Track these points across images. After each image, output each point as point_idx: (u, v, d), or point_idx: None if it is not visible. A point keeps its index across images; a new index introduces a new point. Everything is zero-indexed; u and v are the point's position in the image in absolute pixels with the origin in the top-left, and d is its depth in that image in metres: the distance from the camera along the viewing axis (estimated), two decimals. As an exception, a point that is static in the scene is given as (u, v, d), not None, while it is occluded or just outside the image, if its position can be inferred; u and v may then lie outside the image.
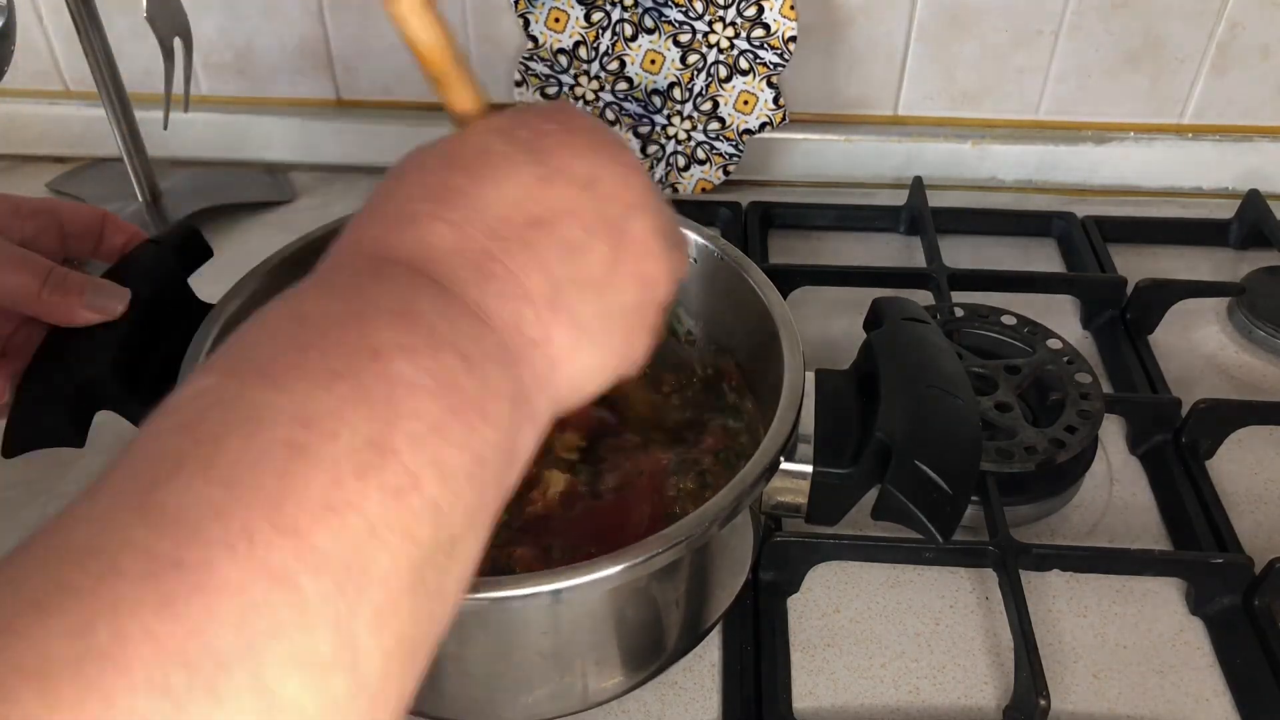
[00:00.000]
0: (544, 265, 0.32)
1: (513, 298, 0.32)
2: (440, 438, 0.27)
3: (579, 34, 0.86)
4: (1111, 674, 0.56)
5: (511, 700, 0.47)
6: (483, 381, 0.29)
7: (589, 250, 0.34)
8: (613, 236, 0.35)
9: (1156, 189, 0.93)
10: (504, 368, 0.30)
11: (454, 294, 0.30)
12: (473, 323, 0.30)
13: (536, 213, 0.33)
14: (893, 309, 0.54)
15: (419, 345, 0.28)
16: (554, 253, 0.33)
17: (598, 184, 0.35)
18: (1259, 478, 0.67)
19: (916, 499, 0.45)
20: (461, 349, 0.29)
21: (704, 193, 0.91)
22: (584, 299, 0.34)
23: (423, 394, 0.27)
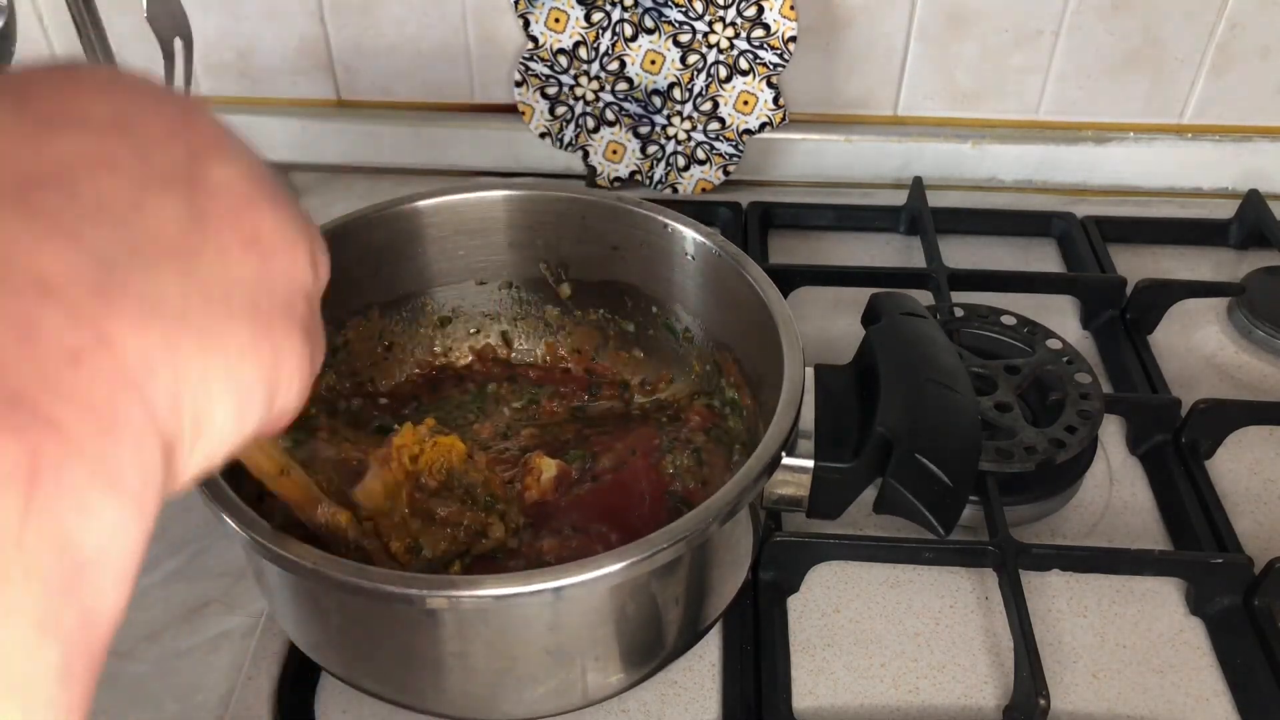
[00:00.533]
0: (71, 234, 0.21)
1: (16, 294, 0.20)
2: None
3: (579, 34, 0.86)
4: (1111, 674, 0.56)
5: (513, 697, 0.47)
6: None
7: (147, 208, 0.23)
8: (181, 190, 0.24)
9: (1156, 189, 0.93)
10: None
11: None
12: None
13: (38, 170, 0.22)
14: (891, 304, 0.54)
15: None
16: (87, 219, 0.22)
17: (133, 125, 0.24)
18: (1259, 478, 0.67)
19: (918, 492, 0.45)
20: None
21: (704, 193, 0.91)
22: (161, 271, 0.23)
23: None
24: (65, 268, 0.21)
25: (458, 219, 0.63)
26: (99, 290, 0.21)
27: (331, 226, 0.59)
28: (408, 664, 0.47)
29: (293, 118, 0.94)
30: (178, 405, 0.22)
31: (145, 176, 0.23)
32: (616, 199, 0.62)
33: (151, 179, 0.24)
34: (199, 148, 0.25)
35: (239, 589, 0.60)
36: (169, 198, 0.24)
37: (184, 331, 0.23)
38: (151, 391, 0.22)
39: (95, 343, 0.21)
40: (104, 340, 0.21)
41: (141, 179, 0.23)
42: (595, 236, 0.63)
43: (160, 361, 0.22)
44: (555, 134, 0.90)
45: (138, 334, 0.22)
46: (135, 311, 0.22)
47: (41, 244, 0.21)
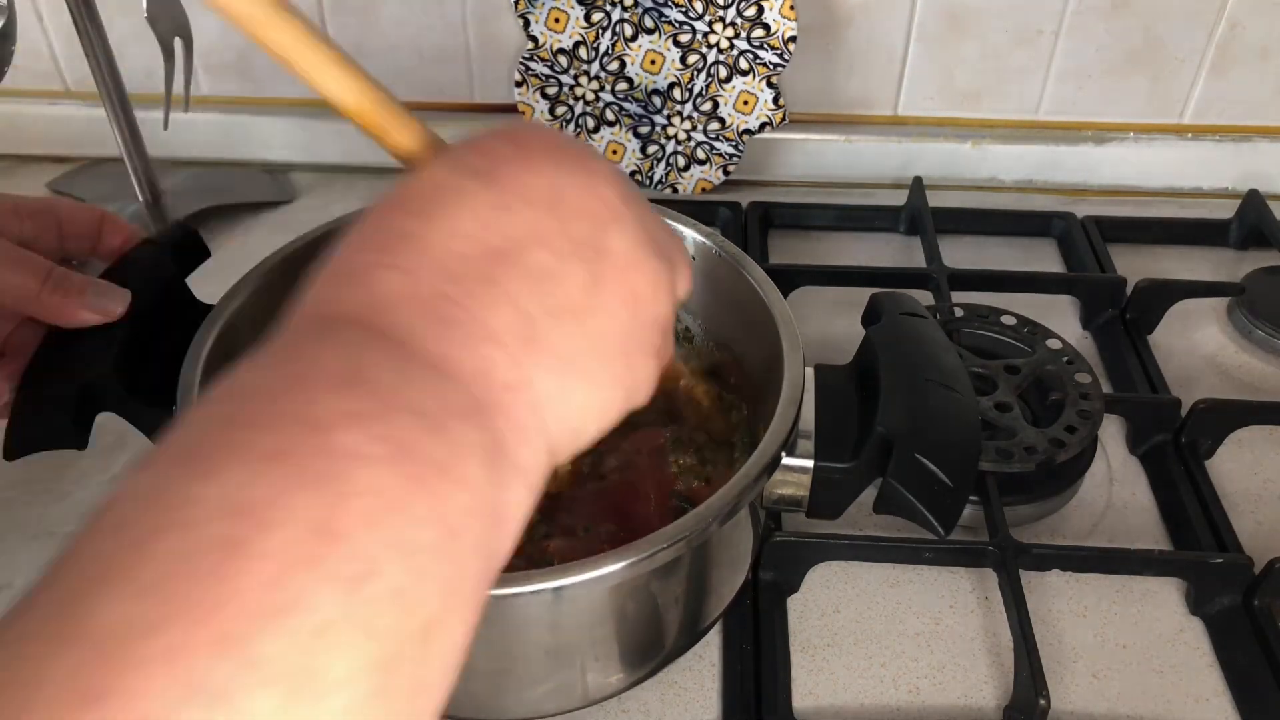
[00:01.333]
0: (512, 300, 0.29)
1: (478, 341, 0.28)
2: (399, 512, 0.24)
3: (579, 34, 0.86)
4: (1111, 674, 0.56)
5: (512, 696, 0.47)
6: (447, 441, 0.26)
7: (563, 276, 0.31)
8: (588, 256, 0.32)
9: (1156, 189, 0.93)
10: (473, 421, 0.27)
11: (409, 347, 0.27)
12: (432, 376, 0.27)
13: (496, 244, 0.30)
14: (891, 304, 0.54)
15: (368, 410, 0.25)
16: (522, 285, 0.30)
17: (562, 201, 0.32)
18: (1259, 478, 0.67)
19: (918, 492, 0.45)
20: (419, 408, 0.26)
21: (704, 193, 0.91)
22: (566, 331, 0.31)
23: (375, 465, 0.24)
24: (506, 324, 0.29)
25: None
26: (526, 342, 0.29)
27: (332, 226, 0.59)
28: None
29: (293, 118, 0.94)
30: (565, 425, 0.31)
31: (564, 249, 0.31)
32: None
33: (568, 251, 0.31)
34: (604, 219, 0.32)
35: (239, 589, 0.60)
36: (577, 266, 0.31)
37: (575, 375, 0.31)
38: (548, 414, 0.30)
39: (520, 381, 0.29)
40: (526, 380, 0.29)
41: (561, 251, 0.31)
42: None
43: (556, 396, 0.30)
44: (555, 134, 0.90)
45: (546, 376, 0.30)
46: (546, 360, 0.30)
47: (495, 307, 0.29)
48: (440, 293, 0.29)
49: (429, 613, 0.24)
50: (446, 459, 0.26)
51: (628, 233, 0.33)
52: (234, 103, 0.95)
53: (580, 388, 0.31)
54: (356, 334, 0.28)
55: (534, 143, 0.33)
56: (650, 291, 0.34)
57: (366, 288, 0.29)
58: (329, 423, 0.24)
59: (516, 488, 0.29)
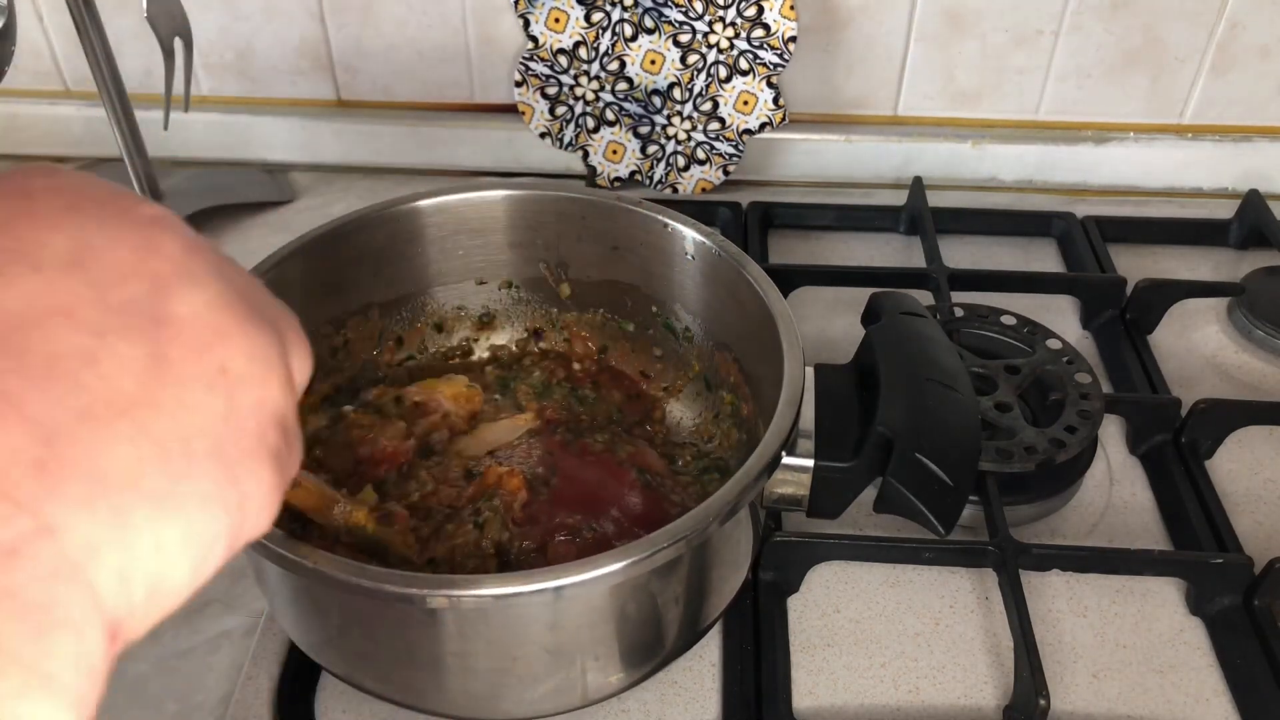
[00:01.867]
0: (15, 406, 0.20)
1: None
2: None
3: (579, 34, 0.86)
4: (1111, 674, 0.56)
5: (513, 696, 0.47)
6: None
7: (102, 359, 0.22)
8: (141, 329, 0.23)
9: (1156, 189, 0.93)
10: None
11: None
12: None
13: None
14: (891, 304, 0.54)
15: None
16: (33, 385, 0.21)
17: (94, 258, 0.23)
18: (1259, 478, 0.67)
19: (918, 491, 0.45)
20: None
21: (704, 193, 0.91)
22: (112, 439, 0.21)
23: None
24: (7, 448, 0.20)
25: (458, 219, 0.63)
26: (40, 469, 0.20)
27: (332, 226, 0.59)
28: (408, 663, 0.47)
29: (293, 118, 0.94)
30: (127, 580, 0.21)
31: (103, 322, 0.22)
32: (617, 199, 0.62)
33: (109, 324, 0.22)
34: (163, 277, 0.24)
35: (239, 589, 0.60)
36: (126, 344, 0.22)
37: (135, 501, 0.21)
38: (95, 574, 0.20)
39: (34, 532, 0.19)
40: (43, 528, 0.20)
41: (98, 326, 0.22)
42: (595, 236, 0.63)
43: (107, 540, 0.21)
44: (555, 134, 0.90)
45: (82, 514, 0.20)
46: (80, 489, 0.20)
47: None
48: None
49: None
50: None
51: (202, 293, 0.24)
52: (234, 103, 0.95)
53: (151, 521, 0.22)
54: None
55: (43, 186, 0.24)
56: (246, 366, 0.25)
57: None
58: None
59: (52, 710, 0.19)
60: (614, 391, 0.65)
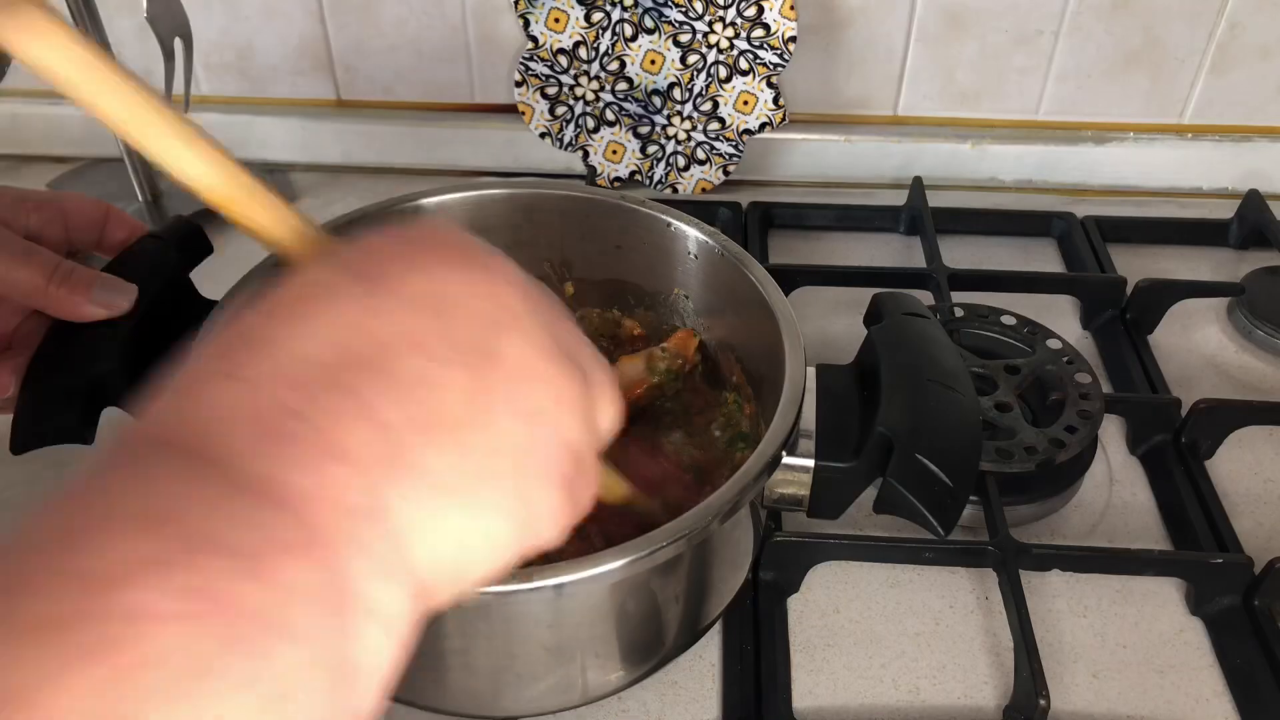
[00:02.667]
0: (370, 412, 0.26)
1: (319, 460, 0.24)
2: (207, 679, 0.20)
3: (579, 34, 0.86)
4: (1111, 674, 0.56)
5: (513, 693, 0.47)
6: (268, 584, 0.22)
7: (440, 384, 0.27)
8: (474, 363, 0.28)
9: (1156, 189, 0.93)
10: (305, 558, 0.23)
11: (235, 472, 0.24)
12: (253, 506, 0.23)
13: (361, 349, 0.26)
14: (893, 304, 0.54)
15: (168, 556, 0.21)
16: (386, 395, 0.26)
17: (449, 302, 0.28)
18: (1259, 478, 0.67)
19: (918, 492, 0.45)
20: (233, 546, 0.22)
21: (704, 193, 0.91)
22: (438, 447, 0.26)
23: (174, 624, 0.20)
24: (361, 439, 0.25)
25: (461, 217, 0.63)
26: (386, 460, 0.25)
27: (333, 225, 0.59)
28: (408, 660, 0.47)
29: (293, 118, 0.94)
30: (437, 559, 0.27)
31: (444, 354, 0.27)
32: (620, 198, 0.62)
33: (449, 356, 0.27)
34: (500, 320, 0.29)
35: (239, 588, 0.60)
36: (457, 372, 0.27)
37: (447, 501, 0.27)
38: (413, 550, 0.26)
39: (375, 506, 0.25)
40: (381, 506, 0.25)
41: (440, 356, 0.27)
42: (598, 235, 0.63)
43: (424, 526, 0.26)
44: (555, 134, 0.90)
45: (409, 501, 0.26)
46: (409, 482, 0.26)
47: (346, 419, 0.25)
48: (283, 406, 0.25)
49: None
50: (267, 607, 0.22)
51: (528, 339, 0.29)
52: (234, 103, 0.95)
53: (456, 515, 0.27)
54: (175, 461, 0.24)
55: (426, 241, 0.30)
56: (553, 406, 0.29)
57: (199, 403, 0.25)
58: (118, 576, 0.20)
59: (371, 634, 0.25)
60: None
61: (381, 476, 0.25)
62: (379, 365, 0.26)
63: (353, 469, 0.25)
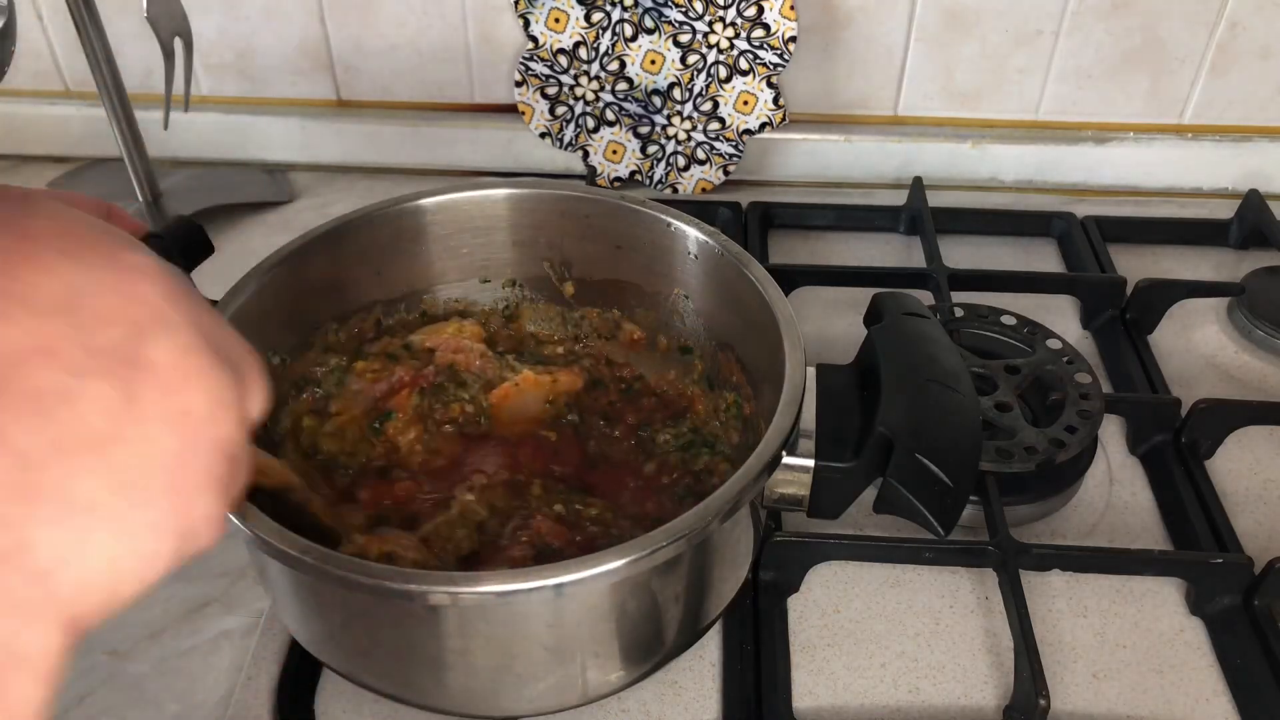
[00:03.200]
0: (3, 440, 0.23)
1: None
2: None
3: (579, 34, 0.86)
4: (1111, 674, 0.56)
5: (513, 693, 0.47)
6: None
7: (79, 398, 0.25)
8: (117, 371, 0.25)
9: (1156, 189, 0.93)
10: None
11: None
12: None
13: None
14: (893, 304, 0.54)
15: None
16: (17, 418, 0.24)
17: (81, 303, 0.25)
18: (1259, 478, 0.67)
19: (918, 492, 0.45)
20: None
21: (704, 193, 0.91)
22: (81, 469, 0.25)
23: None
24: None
25: (462, 217, 0.63)
26: (19, 493, 0.23)
27: (335, 224, 0.59)
28: (409, 660, 0.47)
29: (293, 118, 0.94)
30: (84, 587, 0.25)
31: (83, 362, 0.25)
32: (620, 198, 0.62)
33: (89, 365, 0.25)
34: (143, 321, 0.27)
35: (239, 589, 0.60)
36: (102, 384, 0.25)
37: (95, 524, 0.25)
38: (60, 584, 0.24)
39: (13, 546, 0.23)
40: (21, 544, 0.23)
41: (78, 366, 0.25)
42: (599, 235, 0.63)
43: (71, 557, 0.24)
44: (555, 134, 0.90)
45: (51, 532, 0.24)
46: (51, 511, 0.24)
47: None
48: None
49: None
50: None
51: (176, 339, 0.27)
52: (234, 103, 0.95)
53: (107, 541, 0.25)
54: None
55: (44, 232, 0.27)
56: (207, 408, 0.28)
57: None
58: None
59: (21, 684, 0.23)
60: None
61: (19, 512, 0.23)
62: (8, 384, 0.24)
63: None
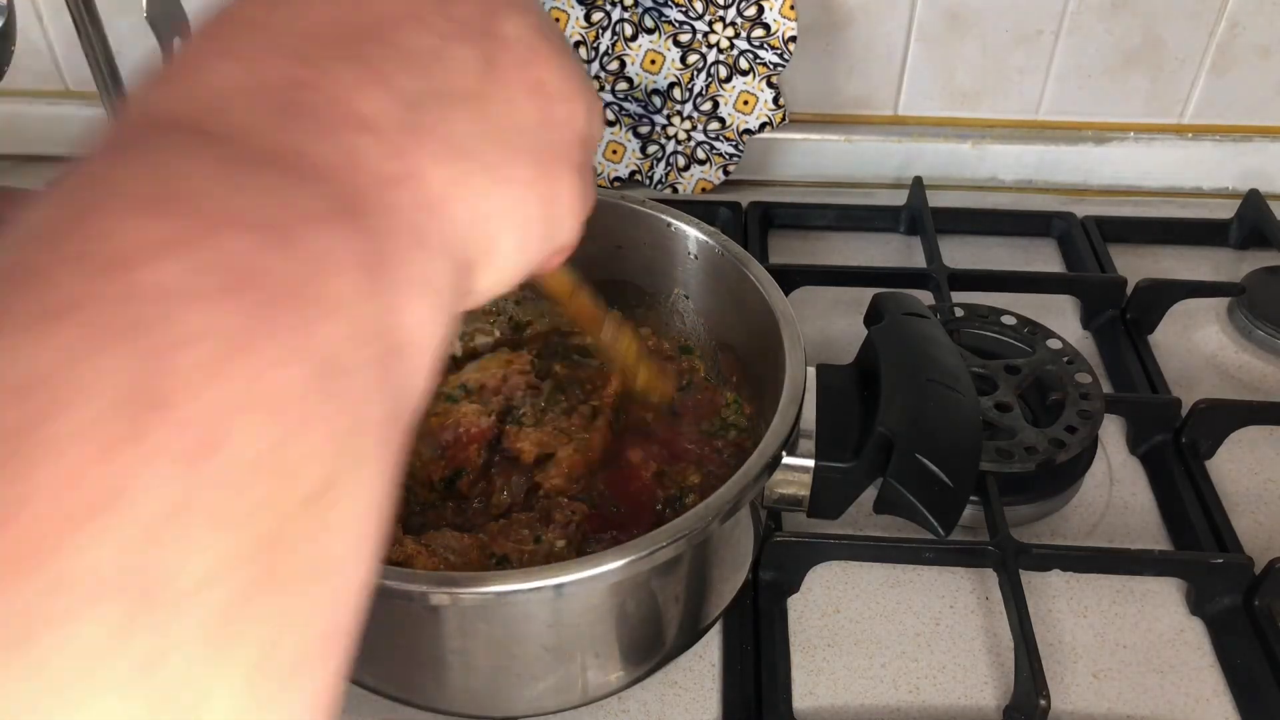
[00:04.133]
0: (386, 81, 0.25)
1: (342, 129, 0.23)
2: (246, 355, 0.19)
3: (579, 34, 0.86)
4: (1111, 674, 0.56)
5: (513, 694, 0.47)
6: (303, 255, 0.21)
7: (450, 57, 0.26)
8: (479, 40, 0.27)
9: (1156, 189, 0.93)
10: (339, 227, 0.22)
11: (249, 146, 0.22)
12: (277, 178, 0.22)
13: (362, 23, 0.25)
14: (893, 304, 0.54)
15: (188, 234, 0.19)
16: (398, 65, 0.25)
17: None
18: (1259, 478, 0.67)
19: (918, 492, 0.45)
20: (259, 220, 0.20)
21: (704, 193, 0.91)
22: (457, 114, 0.26)
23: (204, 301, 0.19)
24: (379, 105, 0.24)
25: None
26: (410, 127, 0.25)
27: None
28: (408, 660, 0.47)
29: (293, 117, 0.94)
30: (472, 230, 0.26)
31: (446, 29, 0.26)
32: (620, 198, 0.62)
33: (451, 32, 0.27)
34: (494, 3, 0.28)
35: (239, 588, 0.60)
36: (466, 48, 0.27)
37: (476, 167, 0.26)
38: (449, 217, 0.25)
39: (405, 171, 0.24)
40: (412, 171, 0.24)
41: (443, 31, 0.26)
42: (599, 235, 0.62)
43: (456, 192, 0.25)
44: (555, 134, 0.90)
45: (439, 169, 0.25)
46: (436, 148, 0.25)
47: (364, 88, 0.24)
48: (291, 78, 0.23)
49: (315, 476, 0.19)
50: (304, 278, 0.20)
51: (526, 20, 0.29)
52: (234, 102, 0.95)
53: (487, 185, 0.26)
54: (178, 141, 0.22)
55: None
56: (560, 85, 0.29)
57: (195, 84, 0.23)
58: (135, 257, 0.19)
59: (417, 305, 0.23)
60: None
61: (408, 143, 0.24)
62: (385, 38, 0.25)
63: (378, 136, 0.24)
